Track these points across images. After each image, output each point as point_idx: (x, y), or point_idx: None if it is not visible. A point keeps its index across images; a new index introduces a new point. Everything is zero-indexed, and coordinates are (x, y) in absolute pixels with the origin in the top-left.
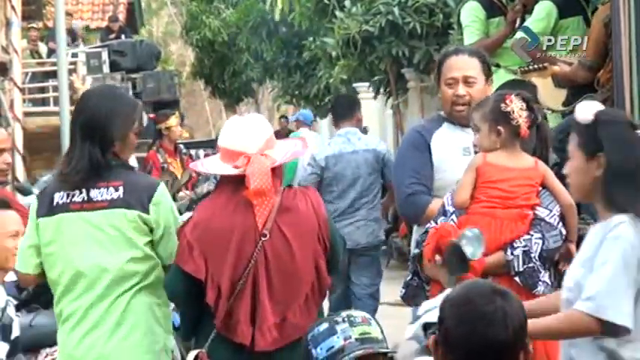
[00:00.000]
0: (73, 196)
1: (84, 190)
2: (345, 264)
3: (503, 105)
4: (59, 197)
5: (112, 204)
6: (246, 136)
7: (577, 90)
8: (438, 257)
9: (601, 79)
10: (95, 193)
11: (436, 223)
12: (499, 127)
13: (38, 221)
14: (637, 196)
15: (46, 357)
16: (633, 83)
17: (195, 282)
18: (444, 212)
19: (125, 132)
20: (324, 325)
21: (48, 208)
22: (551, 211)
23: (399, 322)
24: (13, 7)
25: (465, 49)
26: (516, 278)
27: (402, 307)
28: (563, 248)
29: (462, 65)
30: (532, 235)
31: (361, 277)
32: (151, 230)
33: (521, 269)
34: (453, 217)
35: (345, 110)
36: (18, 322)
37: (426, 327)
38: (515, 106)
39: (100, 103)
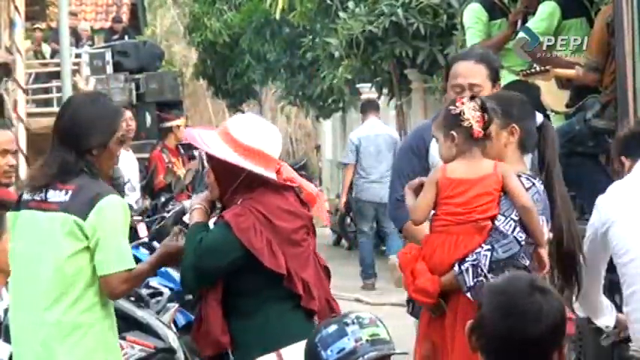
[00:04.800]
0: (34, 194)
1: (44, 190)
2: (373, 214)
3: (453, 108)
4: (25, 195)
5: (60, 207)
6: (274, 141)
7: (580, 91)
8: None
9: (604, 81)
10: (51, 194)
11: None
12: (452, 132)
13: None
14: None
15: None
16: (637, 84)
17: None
18: None
19: (104, 141)
20: (333, 327)
21: (16, 205)
22: (507, 217)
23: (404, 323)
24: (16, 8)
25: (473, 55)
26: (468, 294)
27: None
28: (535, 256)
29: (468, 73)
30: (482, 248)
31: (390, 222)
32: (87, 237)
33: (471, 284)
34: None
35: (375, 105)
36: None
37: None
38: (466, 107)
39: (80, 110)
